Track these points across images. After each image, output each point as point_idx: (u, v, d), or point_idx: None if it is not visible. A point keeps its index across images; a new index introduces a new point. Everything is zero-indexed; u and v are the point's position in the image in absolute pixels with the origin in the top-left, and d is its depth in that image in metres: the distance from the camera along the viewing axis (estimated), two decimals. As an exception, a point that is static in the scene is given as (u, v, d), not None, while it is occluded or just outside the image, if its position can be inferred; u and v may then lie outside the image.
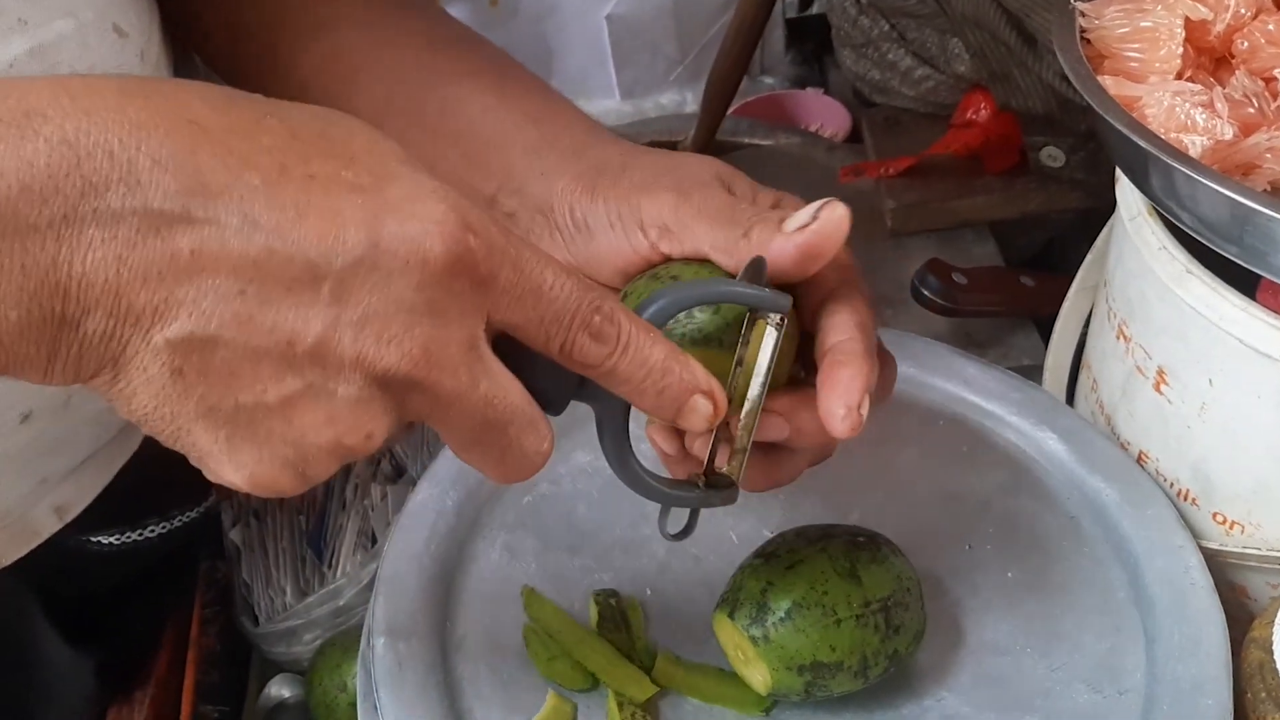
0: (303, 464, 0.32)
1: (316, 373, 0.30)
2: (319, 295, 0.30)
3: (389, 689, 0.46)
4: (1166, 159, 0.44)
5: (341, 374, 0.31)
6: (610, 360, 0.35)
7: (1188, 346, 0.51)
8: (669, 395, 0.36)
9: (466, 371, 0.32)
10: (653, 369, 0.36)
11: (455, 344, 0.32)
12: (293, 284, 0.29)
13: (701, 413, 0.37)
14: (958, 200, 0.80)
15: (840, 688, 0.45)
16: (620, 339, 0.35)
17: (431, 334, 0.31)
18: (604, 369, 0.35)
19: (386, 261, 0.30)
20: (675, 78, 1.05)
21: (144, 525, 0.60)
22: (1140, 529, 0.53)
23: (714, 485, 0.41)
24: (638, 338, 0.35)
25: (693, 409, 0.37)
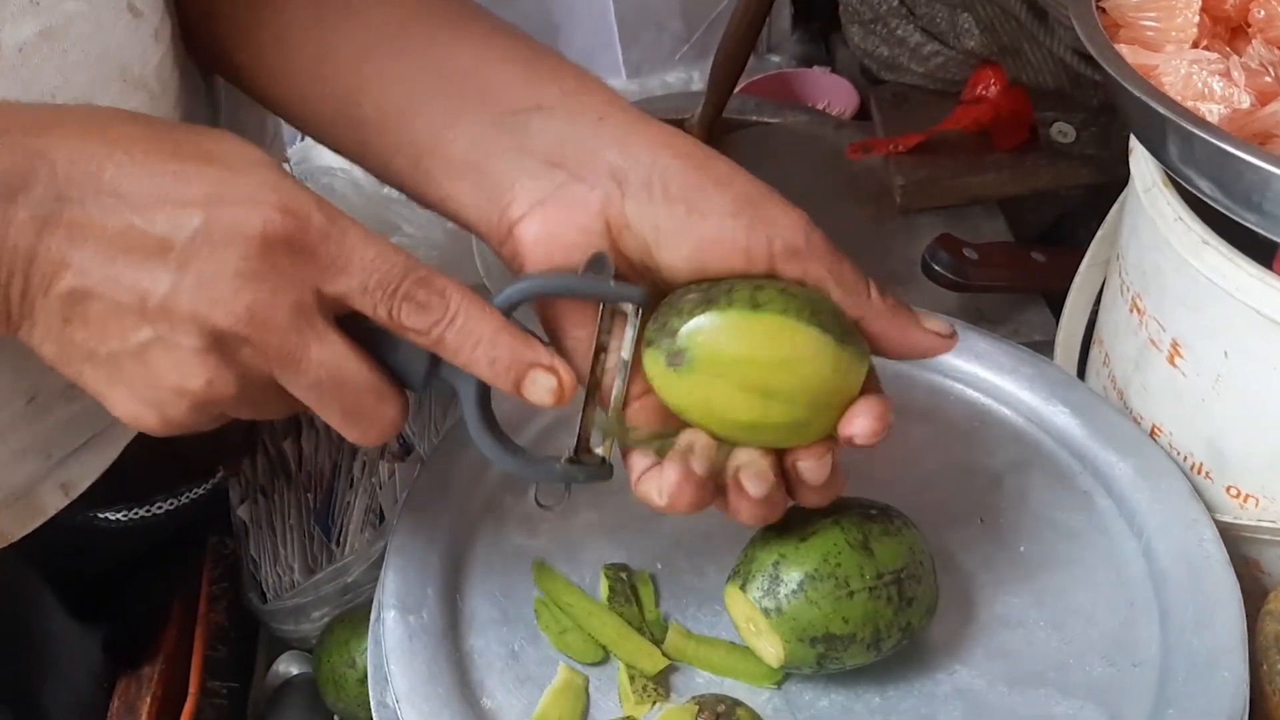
0: (160, 404, 0.39)
1: (164, 326, 0.37)
2: (167, 262, 0.37)
3: (400, 662, 0.46)
4: (1185, 125, 0.44)
5: (182, 327, 0.37)
6: (437, 329, 0.39)
7: (1203, 318, 0.51)
8: (501, 366, 0.40)
9: (295, 334, 0.38)
10: (482, 340, 0.40)
11: (281, 308, 0.38)
12: (149, 253, 0.37)
13: (543, 385, 0.40)
14: (967, 177, 0.79)
15: (853, 660, 0.45)
16: (449, 310, 0.39)
17: (256, 297, 0.37)
18: (432, 337, 0.40)
19: (217, 236, 0.37)
20: (682, 56, 1.04)
21: (152, 502, 0.60)
22: (1154, 503, 0.53)
23: (581, 463, 0.44)
24: (468, 310, 0.40)
25: (533, 381, 0.40)
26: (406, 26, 0.47)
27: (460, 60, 0.47)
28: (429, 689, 0.46)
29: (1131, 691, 0.47)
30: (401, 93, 0.46)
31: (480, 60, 0.47)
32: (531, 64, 0.47)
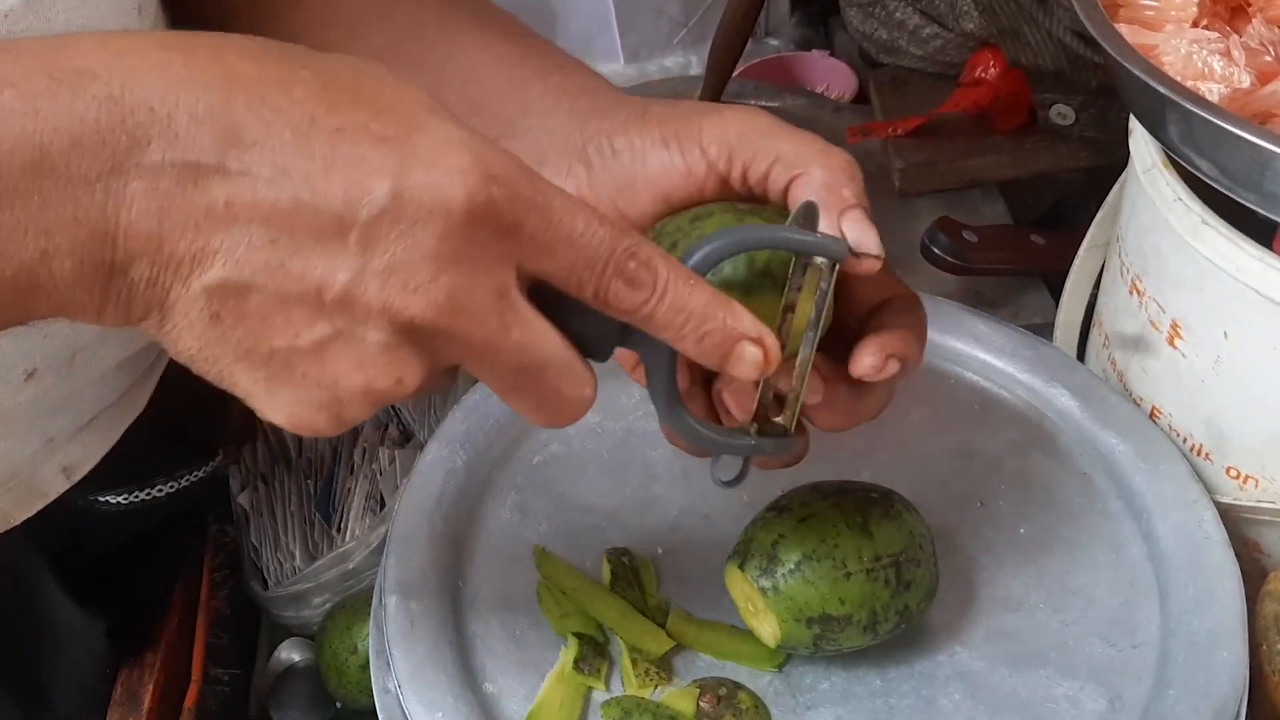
0: (337, 406, 0.33)
1: (345, 319, 0.31)
2: (346, 245, 0.31)
3: (401, 647, 0.46)
4: (1186, 104, 0.44)
5: (369, 321, 0.31)
6: (647, 306, 0.35)
7: (1203, 299, 0.51)
8: (711, 342, 0.36)
9: (496, 319, 0.33)
10: (693, 314, 0.35)
11: (482, 292, 0.32)
12: (321, 233, 0.30)
13: (750, 360, 0.36)
14: (966, 160, 0.79)
15: (850, 642, 0.45)
16: (657, 285, 0.35)
17: (456, 282, 0.32)
18: (641, 315, 0.35)
19: (410, 211, 0.31)
20: (680, 40, 1.04)
21: (152, 485, 0.60)
22: (1153, 484, 0.53)
23: (766, 434, 0.40)
24: (675, 283, 0.35)
25: (739, 356, 0.36)
26: (405, 44, 0.47)
27: (454, 73, 0.46)
28: (431, 674, 0.46)
29: (1131, 672, 0.47)
30: None
31: (472, 72, 0.46)
32: (520, 65, 0.46)
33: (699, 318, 0.35)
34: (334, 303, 0.31)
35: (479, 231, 0.32)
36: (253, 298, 0.31)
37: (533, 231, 0.33)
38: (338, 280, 0.31)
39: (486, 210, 0.31)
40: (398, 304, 0.31)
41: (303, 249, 0.30)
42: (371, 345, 0.32)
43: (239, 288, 0.31)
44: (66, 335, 0.49)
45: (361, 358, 0.32)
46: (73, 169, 0.29)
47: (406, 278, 0.31)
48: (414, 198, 0.31)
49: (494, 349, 0.33)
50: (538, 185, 0.33)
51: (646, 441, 0.56)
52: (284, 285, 0.31)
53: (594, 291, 0.34)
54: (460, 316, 0.32)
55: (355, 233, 0.30)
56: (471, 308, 0.32)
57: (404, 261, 0.31)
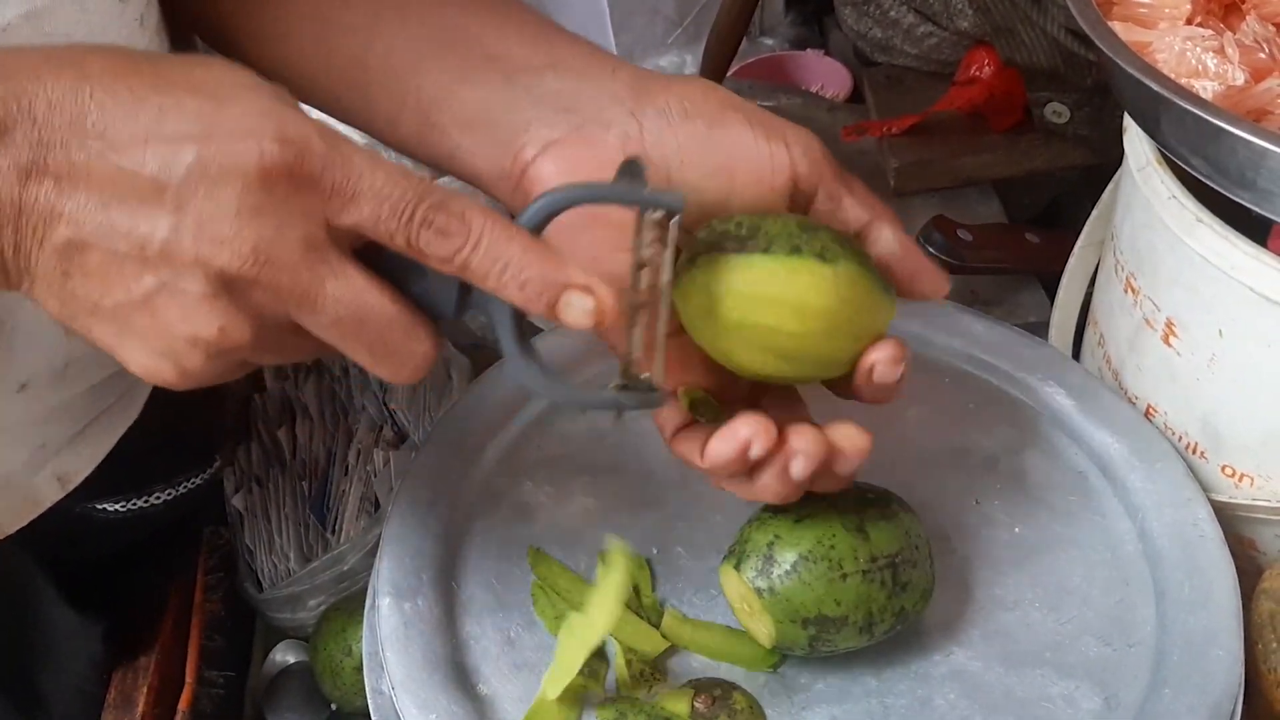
0: (174, 355, 0.37)
1: (167, 272, 0.35)
2: (163, 204, 0.35)
3: (395, 649, 0.46)
4: (1180, 102, 0.44)
5: (186, 271, 0.35)
6: (461, 254, 0.37)
7: (1198, 297, 0.51)
8: (533, 289, 0.37)
9: (307, 270, 0.36)
10: (510, 262, 0.37)
11: (289, 244, 0.35)
12: (143, 196, 0.35)
13: (579, 308, 0.37)
14: (961, 158, 0.79)
15: (845, 643, 0.45)
16: (471, 233, 0.37)
17: (260, 234, 0.35)
18: (456, 263, 0.37)
19: (214, 172, 0.35)
20: (674, 40, 1.04)
21: (150, 492, 0.60)
22: (1149, 483, 0.53)
23: (631, 388, 0.41)
24: (493, 232, 0.37)
25: (568, 304, 0.37)
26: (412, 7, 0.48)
27: (471, 24, 0.47)
28: (424, 676, 0.45)
29: (1127, 671, 0.47)
30: (411, 51, 0.46)
31: (491, 24, 0.47)
32: (544, 29, 0.47)
33: (517, 265, 0.37)
34: (156, 256, 0.35)
35: (276, 187, 0.35)
36: (92, 255, 0.35)
37: (333, 185, 0.36)
38: (157, 236, 0.35)
39: (281, 167, 0.35)
40: (208, 254, 0.35)
41: (129, 210, 0.35)
42: (192, 295, 0.35)
43: (80, 245, 0.35)
44: (59, 347, 0.49)
45: (184, 307, 0.35)
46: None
47: (214, 231, 0.35)
48: (215, 160, 0.35)
49: (309, 299, 0.36)
50: (335, 143, 0.36)
51: (642, 442, 0.55)
52: (114, 243, 0.35)
53: (405, 240, 0.37)
54: (268, 267, 0.35)
55: (169, 193, 0.35)
56: (278, 258, 0.35)
57: (211, 216, 0.35)
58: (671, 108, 0.43)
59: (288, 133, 0.35)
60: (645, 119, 0.43)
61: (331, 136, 0.36)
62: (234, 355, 0.37)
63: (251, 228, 0.35)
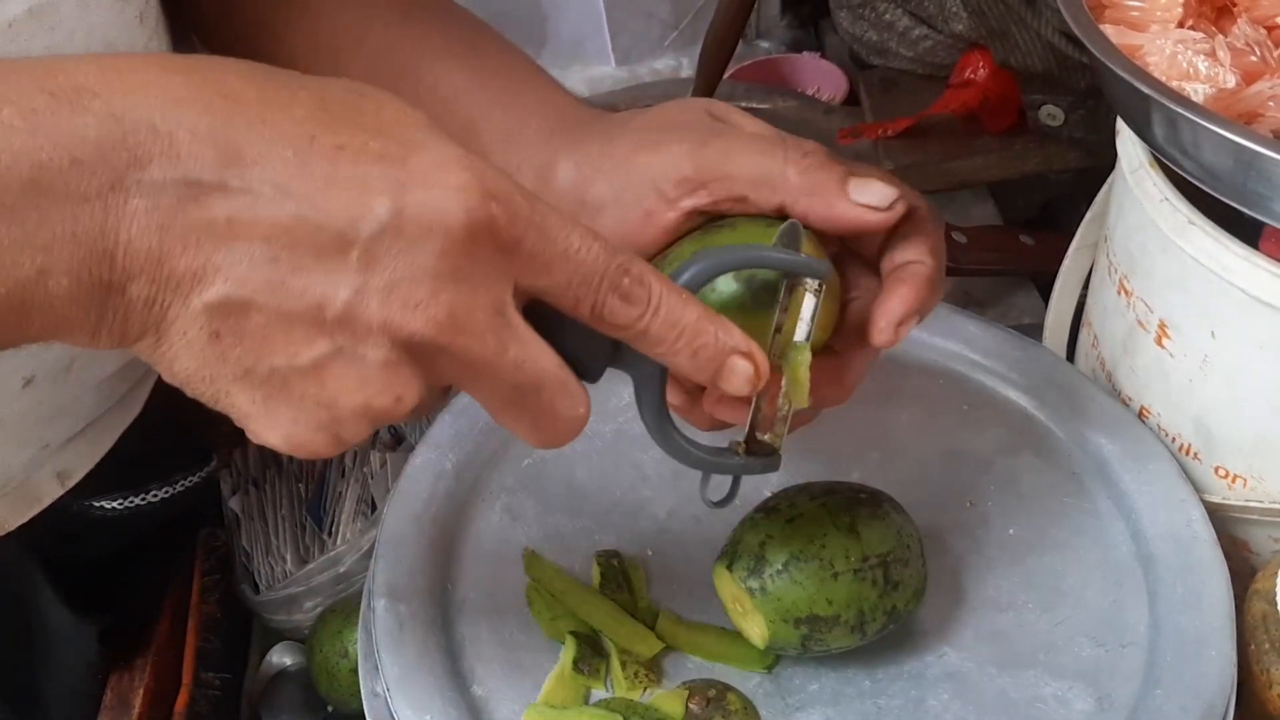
0: (335, 426, 0.33)
1: (345, 337, 0.31)
2: (347, 262, 0.31)
3: (390, 651, 0.46)
4: (1170, 105, 0.44)
5: (370, 338, 0.31)
6: (641, 322, 0.35)
7: (1190, 299, 0.51)
8: (704, 356, 0.36)
9: (494, 337, 0.33)
10: (685, 329, 0.36)
11: (481, 309, 0.32)
12: (322, 251, 0.30)
13: (741, 374, 0.36)
14: (956, 161, 0.79)
15: (837, 643, 0.45)
16: (651, 301, 0.35)
17: (456, 299, 0.32)
18: (635, 330, 0.35)
19: (411, 229, 0.31)
20: (670, 43, 1.04)
21: (146, 490, 0.60)
22: (1142, 484, 0.53)
23: (754, 453, 0.41)
24: (669, 299, 0.35)
25: (731, 370, 0.36)
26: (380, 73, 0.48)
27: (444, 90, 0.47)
28: (420, 677, 0.46)
29: (1120, 672, 0.47)
30: None
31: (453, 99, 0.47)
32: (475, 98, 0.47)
33: (692, 333, 0.36)
34: (335, 320, 0.31)
35: (478, 249, 0.32)
36: (253, 316, 0.31)
37: (530, 249, 0.33)
38: (339, 297, 0.31)
39: (485, 227, 0.32)
40: (398, 321, 0.31)
41: (304, 266, 0.30)
42: (372, 363, 0.32)
43: (240, 305, 0.30)
44: (64, 344, 0.49)
45: (361, 376, 0.32)
46: (71, 186, 0.29)
47: (407, 295, 0.31)
48: (414, 215, 0.31)
49: (491, 367, 0.33)
50: (534, 203, 0.33)
51: (635, 444, 0.56)
52: (285, 303, 0.31)
53: (590, 307, 0.34)
54: (460, 334, 0.32)
55: (356, 250, 0.31)
56: (470, 325, 0.32)
57: (405, 278, 0.31)
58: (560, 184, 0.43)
59: (493, 187, 0.32)
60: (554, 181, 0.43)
61: (530, 195, 0.33)
62: (395, 422, 0.34)
63: (449, 292, 0.31)
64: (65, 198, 0.29)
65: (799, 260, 0.39)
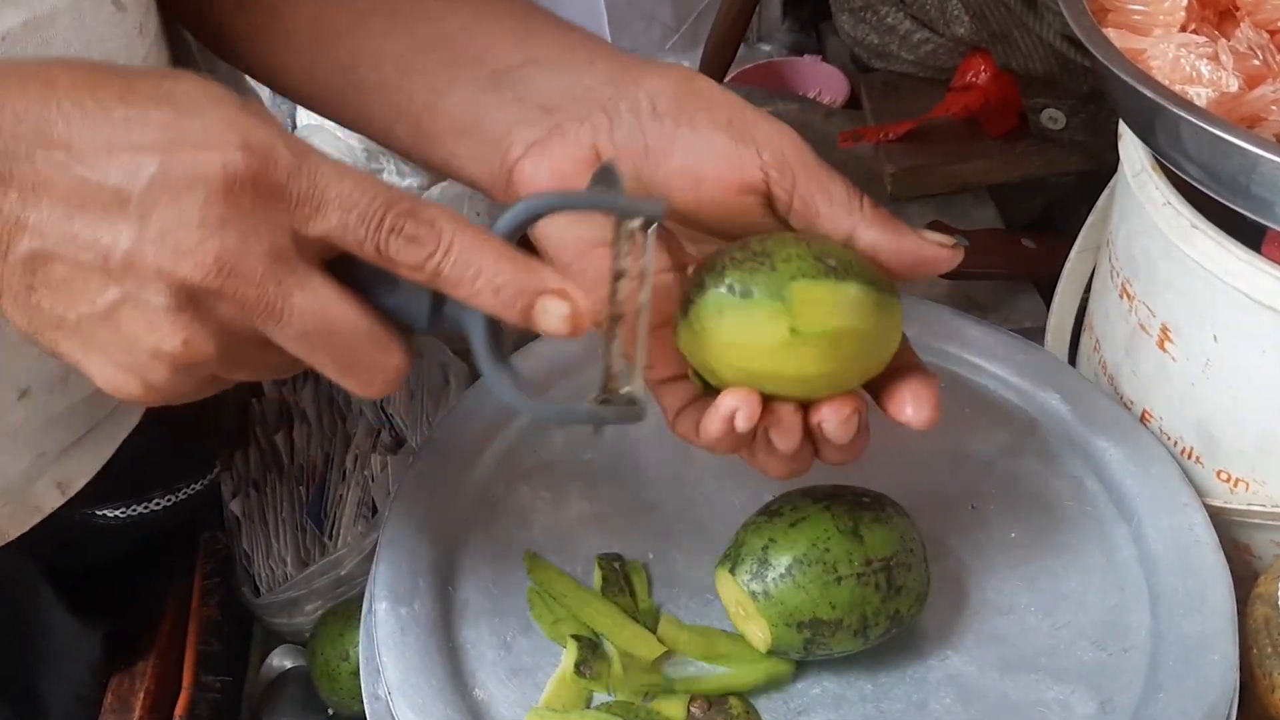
0: (139, 369, 0.36)
1: (130, 283, 0.35)
2: (126, 215, 0.34)
3: (391, 653, 0.46)
4: (1173, 109, 0.44)
5: (150, 284, 0.35)
6: (432, 261, 0.36)
7: (1192, 302, 0.51)
8: (507, 295, 0.36)
9: (273, 282, 0.35)
10: (484, 269, 0.36)
11: (253, 255, 0.35)
12: (106, 207, 0.34)
13: (554, 314, 0.36)
14: (957, 164, 0.79)
15: (840, 647, 0.45)
16: (441, 240, 0.36)
17: (224, 244, 0.35)
18: (429, 272, 0.36)
19: (175, 183, 0.34)
20: (672, 46, 1.04)
21: (149, 498, 0.60)
22: (1144, 487, 0.53)
23: (610, 402, 0.40)
24: (463, 239, 0.36)
25: (543, 310, 0.36)
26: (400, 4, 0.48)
27: (453, 24, 0.47)
28: (421, 680, 0.45)
29: (1122, 676, 0.47)
30: (398, 59, 0.46)
31: (472, 23, 0.47)
32: (524, 22, 0.47)
33: (491, 271, 0.36)
34: (119, 268, 0.34)
35: (240, 198, 0.34)
36: (56, 267, 0.35)
37: (299, 195, 0.35)
38: (120, 246, 0.34)
39: (246, 178, 0.34)
40: (170, 266, 0.34)
41: (91, 220, 0.34)
42: (155, 307, 0.35)
43: (44, 256, 0.35)
44: None
45: (149, 320, 0.35)
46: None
47: (177, 242, 0.34)
48: (178, 169, 0.34)
49: (275, 311, 0.35)
50: (301, 152, 0.36)
51: (637, 447, 0.56)
52: (78, 254, 0.34)
53: (375, 248, 0.36)
54: (231, 278, 0.35)
55: (133, 204, 0.34)
56: (242, 269, 0.35)
57: (174, 227, 0.34)
58: (642, 104, 0.42)
59: (251, 141, 0.35)
60: (617, 115, 0.43)
61: (298, 145, 0.36)
62: (201, 370, 0.36)
63: (215, 238, 0.34)
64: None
65: (628, 202, 0.38)
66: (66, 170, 0.34)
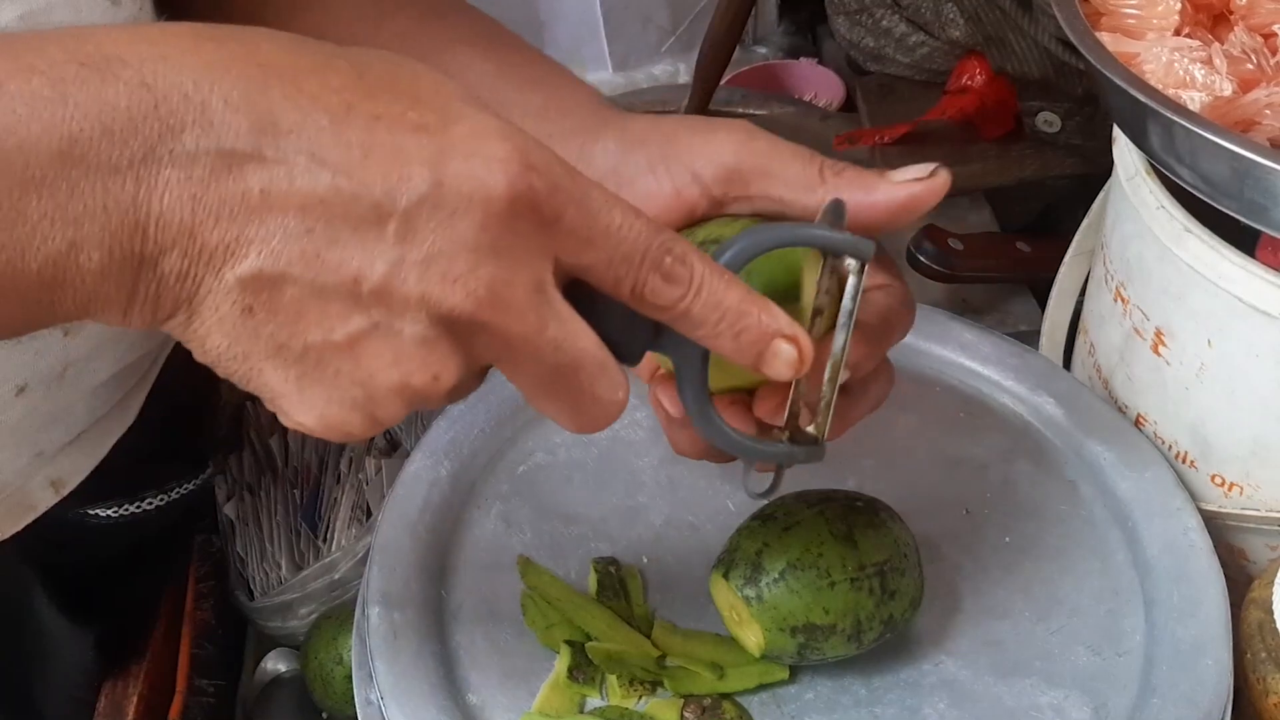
0: (371, 405, 0.32)
1: (382, 311, 0.30)
2: (384, 234, 0.30)
3: (384, 658, 0.46)
4: (1166, 113, 0.44)
5: (407, 313, 0.31)
6: (684, 302, 0.34)
7: (1186, 306, 0.51)
8: (747, 338, 0.35)
9: (534, 314, 0.32)
10: (728, 311, 0.34)
11: (521, 285, 0.31)
12: (359, 223, 0.29)
13: (785, 358, 0.35)
14: (953, 167, 0.77)
15: (834, 651, 0.45)
16: (693, 280, 0.34)
17: (496, 274, 0.31)
18: (677, 311, 0.34)
19: (450, 200, 0.30)
20: (668, 48, 1.04)
21: (142, 498, 0.60)
22: (1138, 491, 0.53)
23: (797, 441, 0.39)
24: (712, 280, 0.34)
25: (775, 354, 0.35)
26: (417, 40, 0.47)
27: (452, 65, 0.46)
28: (413, 685, 0.45)
29: (1116, 680, 0.47)
30: None
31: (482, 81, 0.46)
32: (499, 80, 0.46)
33: (735, 314, 0.34)
34: (371, 294, 0.30)
35: (519, 222, 0.31)
36: (287, 289, 0.30)
37: (571, 224, 0.32)
38: (375, 271, 0.30)
39: (527, 199, 0.31)
40: (436, 295, 0.30)
41: (339, 239, 0.29)
42: (408, 339, 0.31)
43: (274, 278, 0.30)
44: (58, 350, 0.49)
45: (398, 352, 0.31)
46: (103, 157, 0.28)
47: (446, 268, 0.30)
48: (454, 186, 0.30)
49: (531, 345, 0.32)
50: (576, 177, 0.32)
51: (632, 450, 0.56)
52: (320, 276, 0.30)
53: (631, 286, 0.33)
54: (499, 310, 0.31)
55: (394, 222, 0.30)
56: (509, 301, 0.31)
57: (443, 251, 0.30)
58: (585, 158, 0.42)
59: (534, 160, 0.31)
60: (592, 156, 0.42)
61: (571, 169, 0.32)
62: (429, 404, 0.33)
63: (488, 266, 0.30)
64: (96, 169, 0.28)
65: (844, 239, 0.37)
66: (310, 176, 0.29)
